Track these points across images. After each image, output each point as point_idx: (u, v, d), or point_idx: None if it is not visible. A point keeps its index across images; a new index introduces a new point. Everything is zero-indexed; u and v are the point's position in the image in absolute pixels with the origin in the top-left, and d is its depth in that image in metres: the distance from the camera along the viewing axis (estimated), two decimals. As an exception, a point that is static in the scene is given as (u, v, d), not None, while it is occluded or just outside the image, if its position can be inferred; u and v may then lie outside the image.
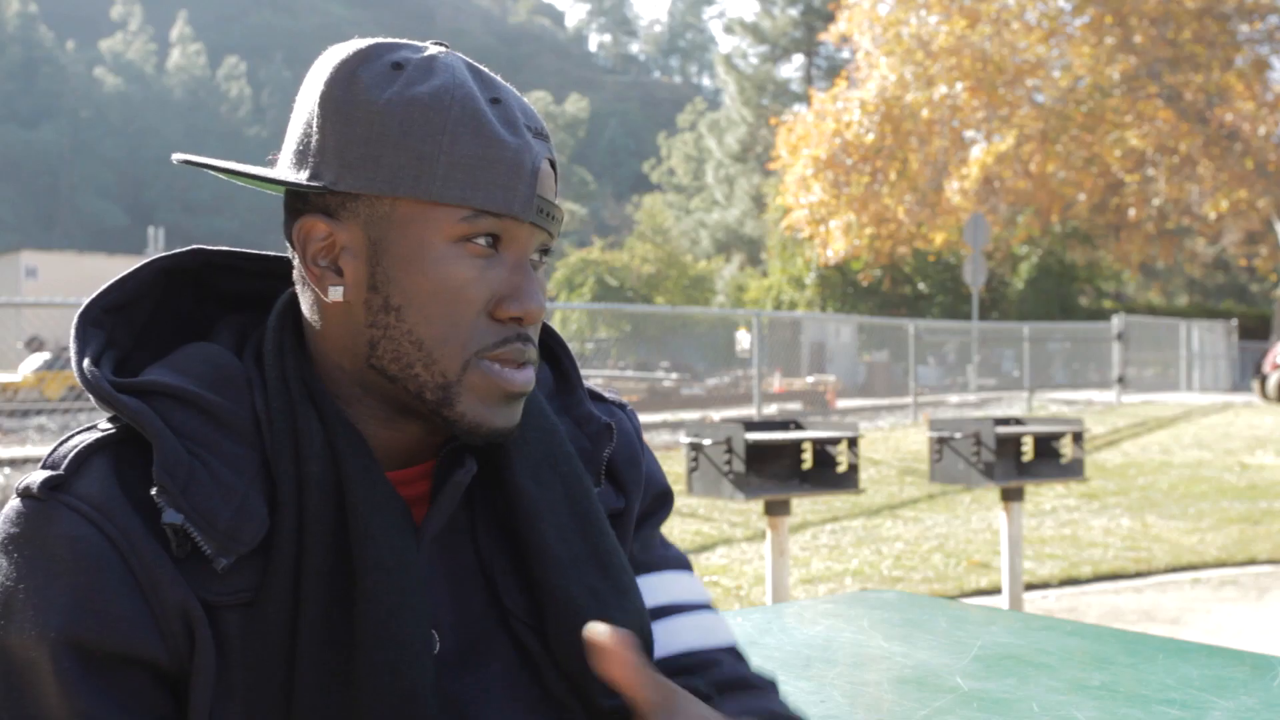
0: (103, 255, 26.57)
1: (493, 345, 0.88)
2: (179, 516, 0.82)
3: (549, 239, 0.92)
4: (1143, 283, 39.70)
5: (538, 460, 0.96)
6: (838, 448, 4.45)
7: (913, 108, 23.57)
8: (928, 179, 24.25)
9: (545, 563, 0.93)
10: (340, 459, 0.88)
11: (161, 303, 0.96)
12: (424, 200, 0.86)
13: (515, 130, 0.88)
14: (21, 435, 12.06)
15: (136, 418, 0.85)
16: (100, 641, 0.80)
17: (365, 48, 0.90)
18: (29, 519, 0.82)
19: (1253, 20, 24.38)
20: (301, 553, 0.85)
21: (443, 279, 0.87)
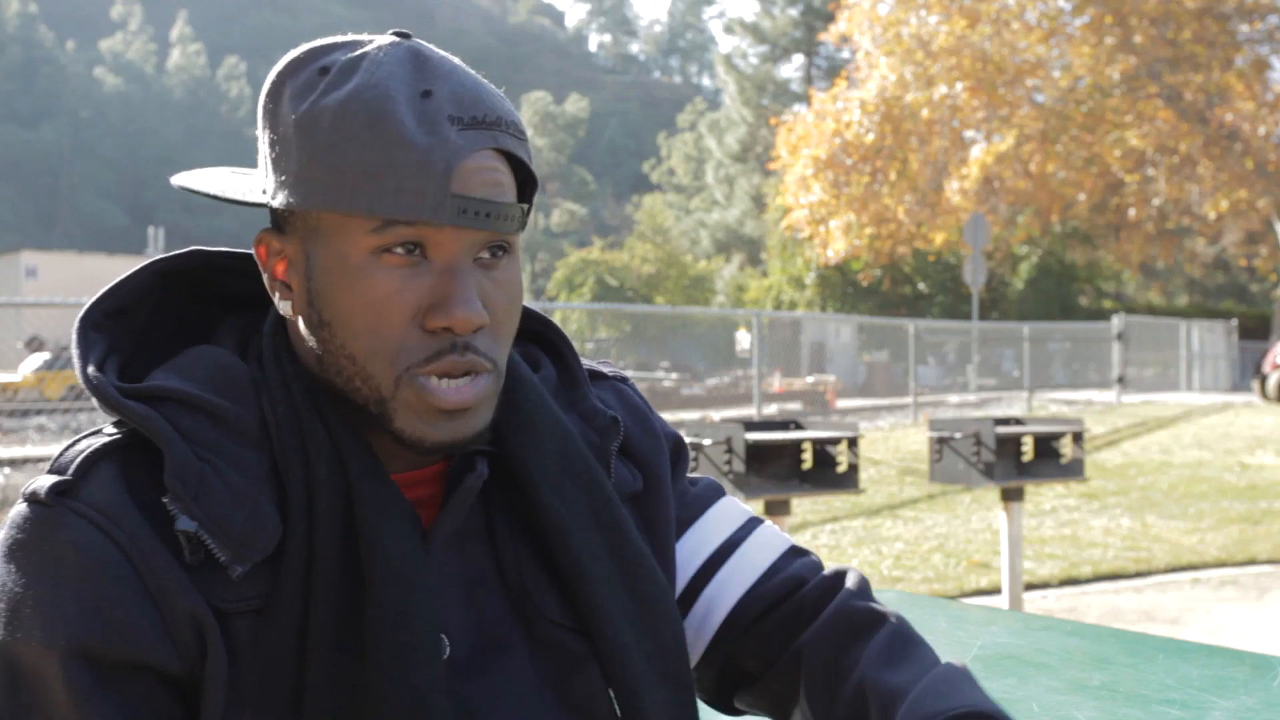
0: (103, 255, 26.57)
1: (423, 360, 0.85)
2: (192, 524, 0.81)
3: (497, 236, 0.87)
4: (1143, 283, 39.70)
5: (558, 473, 0.95)
6: (838, 448, 4.45)
7: (913, 108, 23.56)
8: (928, 179, 24.24)
9: (582, 581, 0.93)
10: (346, 463, 0.87)
11: (160, 305, 0.95)
12: (339, 212, 0.83)
13: (432, 127, 0.83)
14: (21, 435, 12.06)
15: (145, 423, 0.84)
16: (110, 650, 0.79)
17: (298, 56, 0.88)
18: (36, 524, 0.82)
19: (1253, 20, 24.38)
20: (312, 558, 0.85)
21: (363, 293, 0.84)
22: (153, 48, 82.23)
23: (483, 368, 0.87)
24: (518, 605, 0.92)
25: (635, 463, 1.03)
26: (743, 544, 1.07)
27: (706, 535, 1.07)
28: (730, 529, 1.08)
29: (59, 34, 79.97)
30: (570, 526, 0.94)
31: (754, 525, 1.09)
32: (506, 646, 0.91)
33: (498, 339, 0.88)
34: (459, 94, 0.85)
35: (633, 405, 1.07)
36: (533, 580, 0.93)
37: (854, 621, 0.99)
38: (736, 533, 1.07)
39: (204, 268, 0.97)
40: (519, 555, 0.94)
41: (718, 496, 1.10)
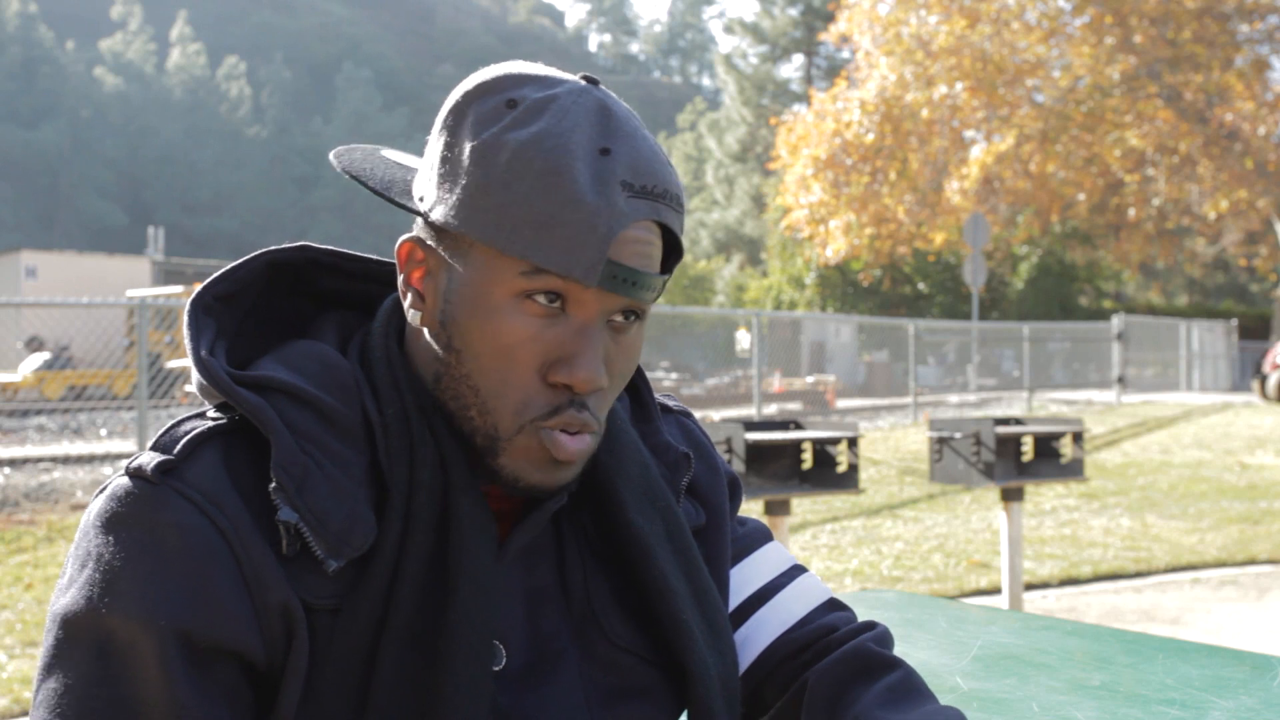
0: (103, 255, 26.52)
1: (545, 415, 0.87)
2: (294, 515, 0.82)
3: (635, 304, 0.88)
4: (1143, 283, 39.69)
5: (640, 495, 0.97)
6: (838, 448, 4.45)
7: (913, 108, 23.56)
8: (928, 179, 24.24)
9: (667, 598, 0.94)
10: (449, 469, 0.89)
11: (263, 295, 0.97)
12: (494, 248, 0.85)
13: (604, 189, 0.84)
14: (21, 435, 12.05)
15: (256, 413, 0.85)
16: (207, 635, 0.80)
17: (490, 80, 0.89)
18: (139, 501, 0.82)
19: (1253, 20, 24.37)
20: (401, 559, 0.86)
21: (497, 331, 0.86)
22: (153, 48, 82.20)
23: (591, 428, 0.88)
24: (578, 624, 0.94)
25: (698, 498, 1.06)
26: (783, 590, 1.09)
27: (749, 576, 1.09)
28: (772, 574, 1.10)
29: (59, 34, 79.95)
30: (654, 546, 0.96)
31: (796, 573, 1.11)
32: (559, 663, 0.92)
33: (606, 401, 0.90)
34: (634, 160, 0.86)
35: (696, 441, 1.10)
36: (600, 602, 0.95)
37: (865, 662, 1.01)
38: (779, 578, 1.10)
39: (310, 263, 0.99)
40: (588, 575, 0.96)
41: (765, 540, 1.13)
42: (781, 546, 1.14)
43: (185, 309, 0.91)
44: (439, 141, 0.89)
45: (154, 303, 9.97)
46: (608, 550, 0.97)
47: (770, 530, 1.15)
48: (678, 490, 1.02)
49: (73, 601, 0.81)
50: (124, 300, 11.91)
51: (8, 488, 8.28)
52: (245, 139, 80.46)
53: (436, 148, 0.90)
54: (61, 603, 0.82)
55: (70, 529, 7.16)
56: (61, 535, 7.02)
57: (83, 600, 0.80)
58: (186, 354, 0.90)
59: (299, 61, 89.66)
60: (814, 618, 1.07)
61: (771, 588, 1.09)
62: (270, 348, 0.94)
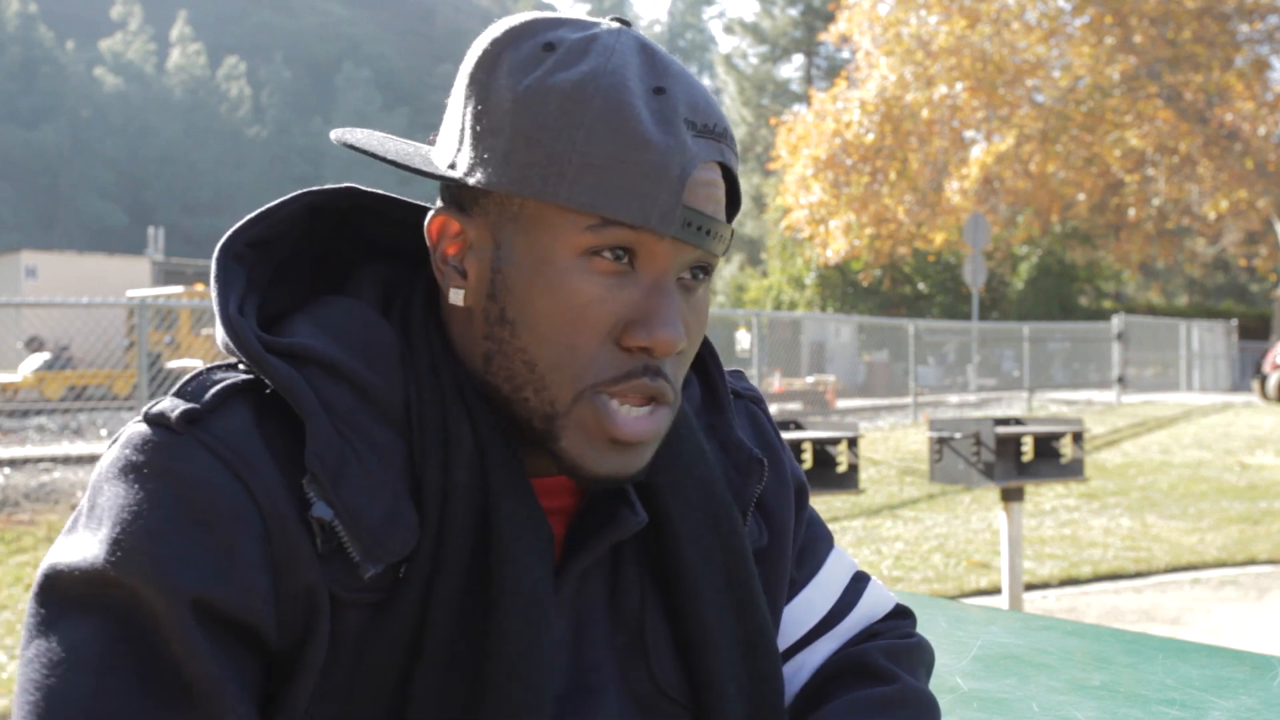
0: (103, 255, 26.51)
1: (612, 378, 0.78)
2: (329, 512, 0.74)
3: (706, 256, 0.80)
4: (1143, 283, 39.68)
5: (700, 521, 0.87)
6: (838, 448, 4.45)
7: (913, 108, 23.55)
8: (928, 179, 24.23)
9: (705, 650, 0.86)
10: (489, 473, 0.79)
11: (302, 240, 0.87)
12: (551, 203, 0.76)
13: (669, 127, 0.76)
14: (21, 435, 12.05)
15: (290, 390, 0.76)
16: (229, 608, 0.72)
17: (519, 25, 0.81)
18: (162, 450, 0.74)
19: (1253, 20, 24.36)
20: (437, 567, 0.77)
21: (563, 296, 0.77)
22: (153, 48, 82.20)
23: (666, 398, 0.80)
24: (623, 656, 0.85)
25: (765, 514, 0.95)
26: (851, 612, 1.01)
27: (816, 600, 1.00)
28: (839, 591, 1.02)
29: (59, 34, 79.95)
30: (704, 587, 0.86)
31: (861, 586, 1.03)
32: (598, 698, 0.83)
33: (681, 367, 0.82)
34: (693, 97, 0.78)
35: (766, 438, 0.99)
36: (653, 636, 0.86)
37: (861, 668, 0.95)
38: (845, 595, 1.02)
39: (355, 208, 0.89)
40: (644, 600, 0.87)
41: (829, 550, 1.04)
42: (843, 552, 1.05)
43: (214, 256, 0.82)
44: (466, 100, 0.80)
45: (154, 303, 9.98)
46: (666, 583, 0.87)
47: (830, 532, 1.06)
48: (746, 503, 0.92)
49: (82, 555, 0.72)
50: (124, 300, 11.91)
51: (8, 488, 8.28)
52: (245, 139, 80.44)
53: (464, 108, 0.80)
54: (68, 556, 0.73)
55: (70, 529, 7.16)
56: (61, 535, 7.03)
57: (95, 555, 0.72)
58: (213, 306, 0.81)
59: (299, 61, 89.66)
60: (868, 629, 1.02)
61: (838, 610, 1.00)
62: (305, 302, 0.85)
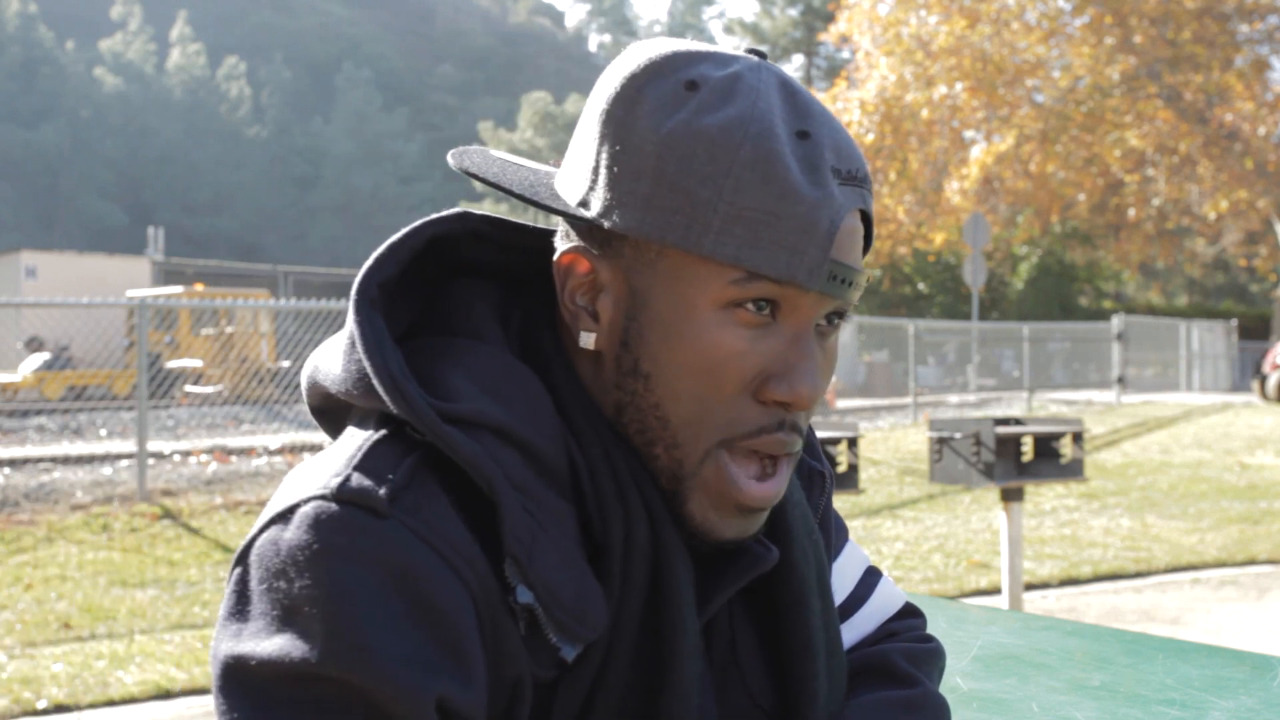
0: (103, 255, 26.51)
1: (746, 433, 0.75)
2: (530, 595, 0.71)
3: (845, 305, 0.78)
4: (1143, 283, 39.68)
5: (803, 536, 0.86)
6: (837, 448, 4.45)
7: (913, 108, 23.56)
8: (928, 179, 24.24)
9: (808, 660, 0.84)
10: (657, 524, 0.76)
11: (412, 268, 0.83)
12: (694, 254, 0.73)
13: (817, 177, 0.73)
14: (21, 435, 12.05)
15: (478, 468, 0.71)
16: (462, 707, 0.68)
17: (659, 59, 0.76)
18: (369, 536, 0.68)
19: (1253, 20, 24.37)
20: (615, 627, 0.75)
21: (703, 349, 0.74)
22: (153, 48, 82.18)
23: (796, 452, 0.78)
24: (719, 675, 0.83)
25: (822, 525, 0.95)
26: (863, 606, 0.99)
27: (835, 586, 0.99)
28: (852, 583, 1.00)
29: (59, 34, 79.95)
30: (810, 596, 0.85)
31: (874, 580, 1.02)
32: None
33: (810, 415, 0.79)
34: (836, 141, 0.76)
35: (811, 445, 0.96)
36: (745, 651, 0.84)
37: (883, 669, 0.93)
38: (858, 589, 1.00)
39: (468, 234, 0.84)
40: (733, 618, 0.85)
41: (845, 541, 1.02)
42: (857, 546, 1.04)
43: (352, 304, 0.77)
44: (601, 138, 0.76)
45: (154, 303, 9.98)
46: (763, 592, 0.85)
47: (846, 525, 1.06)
48: (817, 515, 0.91)
49: (288, 653, 0.66)
50: (124, 300, 11.91)
51: (8, 488, 8.27)
52: (245, 139, 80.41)
53: (599, 145, 0.76)
54: (262, 651, 0.67)
55: (70, 529, 7.16)
56: (61, 535, 7.02)
57: (308, 654, 0.66)
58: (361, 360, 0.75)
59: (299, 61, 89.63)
60: (882, 626, 1.01)
61: (853, 602, 0.99)
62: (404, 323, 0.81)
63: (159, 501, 7.98)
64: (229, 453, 10.00)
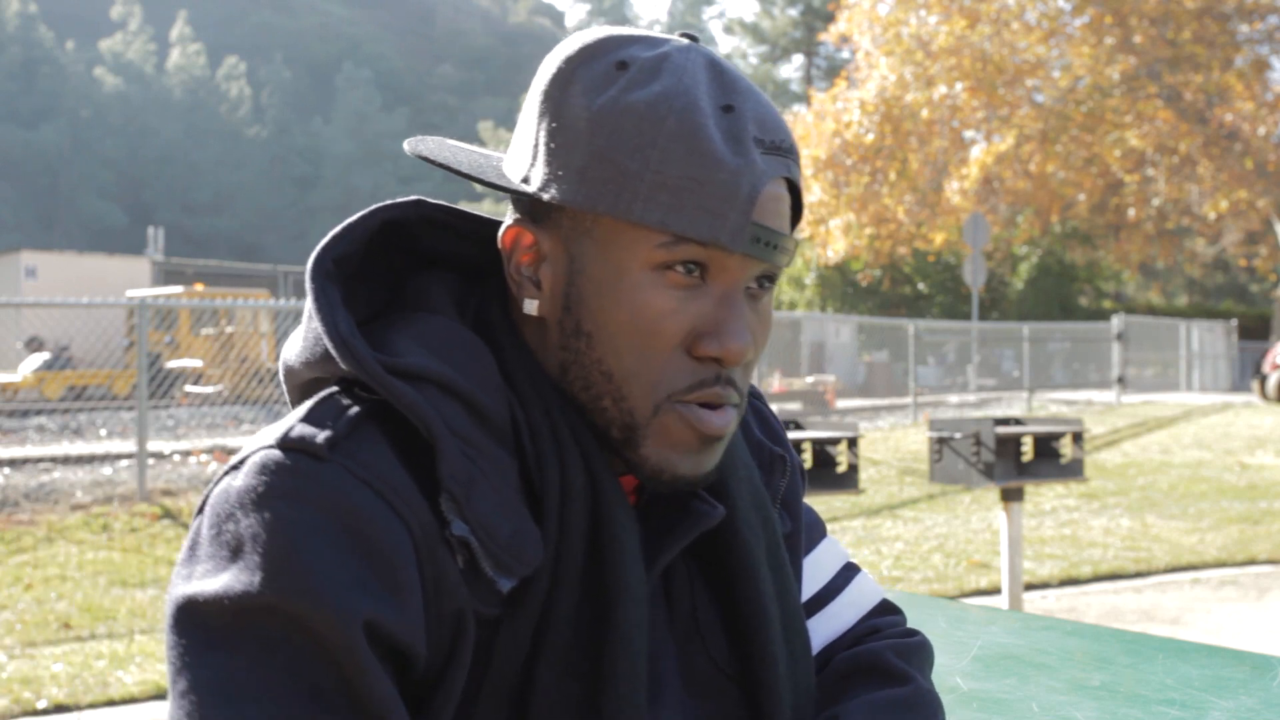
0: (103, 255, 26.51)
1: (686, 388, 0.81)
2: (466, 529, 0.76)
3: (773, 268, 0.83)
4: (1143, 283, 39.68)
5: (748, 505, 0.91)
6: (838, 448, 4.45)
7: (913, 108, 23.55)
8: (928, 179, 24.23)
9: (762, 626, 0.88)
10: (595, 475, 0.82)
11: (372, 253, 0.89)
12: (624, 220, 0.78)
13: (739, 146, 0.79)
14: (21, 435, 12.05)
15: (417, 413, 0.77)
16: (393, 634, 0.73)
17: (592, 43, 0.83)
18: (309, 477, 0.74)
19: (1253, 20, 24.36)
20: (556, 573, 0.79)
21: (637, 309, 0.80)
22: (152, 48, 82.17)
23: (735, 401, 0.83)
24: (681, 640, 0.87)
25: (785, 504, 0.99)
26: (838, 596, 1.03)
27: (808, 577, 1.03)
28: (828, 576, 1.04)
29: (59, 34, 79.94)
30: (759, 566, 0.89)
31: (851, 574, 1.06)
32: (664, 686, 0.85)
33: (748, 374, 0.85)
34: (760, 114, 0.82)
35: (775, 432, 1.02)
36: (705, 617, 0.89)
37: (876, 668, 0.96)
38: (834, 580, 1.04)
39: (423, 220, 0.90)
40: (693, 585, 0.89)
41: (822, 537, 1.06)
42: (836, 541, 1.08)
43: (308, 276, 0.83)
44: (541, 116, 0.83)
45: (154, 303, 9.98)
46: (714, 558, 0.90)
47: (824, 522, 1.09)
48: (774, 496, 0.96)
49: (233, 588, 0.71)
50: (124, 300, 11.91)
51: (8, 488, 8.27)
52: (245, 139, 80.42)
53: (539, 124, 0.83)
54: (210, 589, 0.72)
55: (70, 529, 7.16)
56: (61, 535, 7.02)
57: (251, 586, 0.71)
58: (316, 326, 0.81)
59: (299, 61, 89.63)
60: (862, 622, 1.04)
61: (828, 592, 1.03)
62: (368, 309, 0.87)
63: (159, 501, 7.98)
64: (229, 453, 10.00)
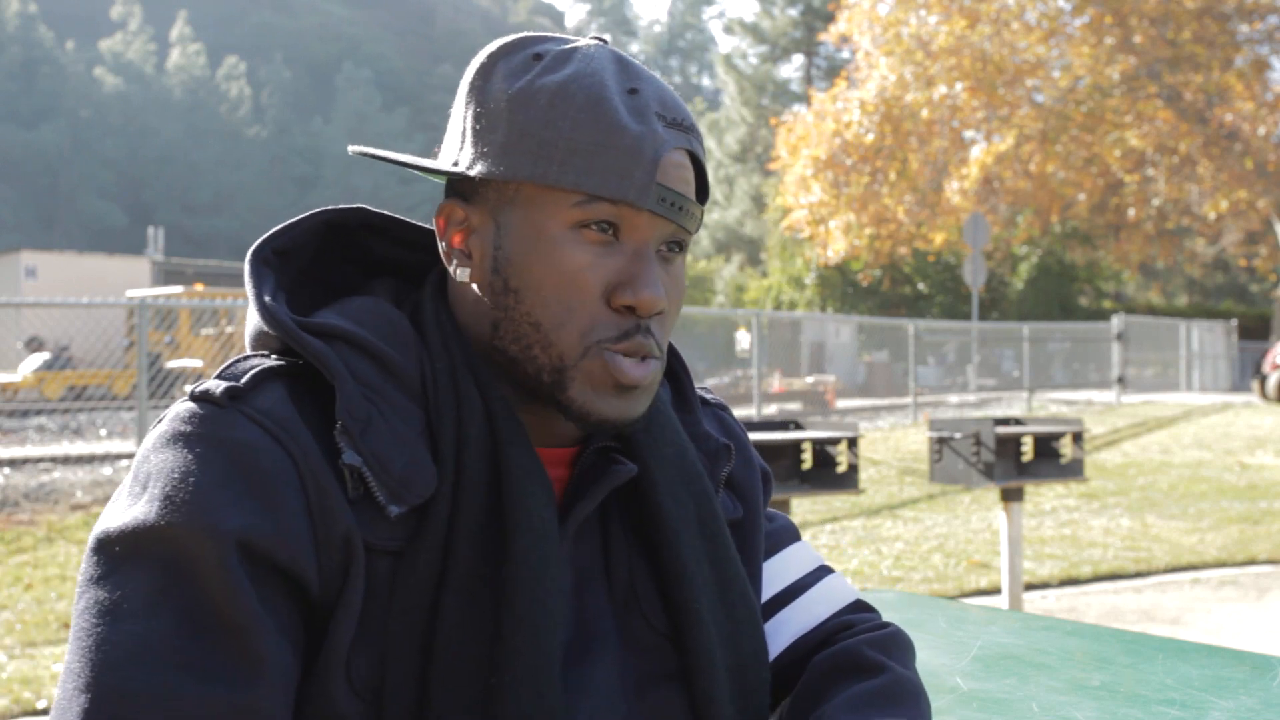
0: (103, 255, 26.51)
1: (614, 338, 0.89)
2: (358, 458, 0.83)
3: (680, 232, 0.92)
4: (1143, 283, 39.68)
5: (673, 477, 0.97)
6: (838, 448, 4.45)
7: (913, 108, 23.55)
8: (928, 179, 24.23)
9: (684, 585, 0.94)
10: (496, 426, 0.89)
11: (317, 254, 0.98)
12: (542, 185, 0.87)
13: (642, 118, 0.88)
14: (21, 435, 12.05)
15: (320, 358, 0.86)
16: (270, 550, 0.79)
17: (512, 41, 0.94)
18: (207, 421, 0.82)
19: (1253, 20, 24.36)
20: (455, 510, 0.86)
21: (557, 263, 0.88)
22: (152, 48, 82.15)
23: (655, 353, 0.91)
24: (618, 605, 0.93)
25: (736, 492, 1.06)
26: (808, 590, 1.09)
27: (775, 574, 1.08)
28: (799, 573, 1.10)
29: (59, 34, 79.92)
30: (680, 529, 0.95)
31: (823, 574, 1.11)
32: (601, 644, 0.91)
33: (664, 329, 0.93)
34: (662, 96, 0.91)
35: (734, 434, 1.10)
36: (641, 583, 0.95)
37: (852, 662, 0.99)
38: (805, 578, 1.10)
39: (363, 226, 1.00)
40: (630, 555, 0.95)
41: (793, 539, 1.12)
42: (809, 546, 1.13)
43: (246, 260, 0.92)
44: (467, 106, 0.92)
45: (154, 303, 9.98)
46: (646, 530, 0.96)
47: (798, 529, 1.14)
48: (717, 481, 1.02)
49: (131, 518, 0.79)
50: (124, 300, 11.91)
51: (8, 488, 8.27)
52: (245, 139, 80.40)
53: (464, 113, 0.92)
54: (116, 521, 0.80)
55: (70, 529, 7.16)
56: (61, 535, 7.02)
57: (145, 515, 0.78)
58: (249, 302, 0.91)
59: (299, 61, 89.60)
60: (835, 617, 1.07)
61: (797, 588, 1.08)
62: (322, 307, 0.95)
63: (159, 501, 7.97)
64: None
